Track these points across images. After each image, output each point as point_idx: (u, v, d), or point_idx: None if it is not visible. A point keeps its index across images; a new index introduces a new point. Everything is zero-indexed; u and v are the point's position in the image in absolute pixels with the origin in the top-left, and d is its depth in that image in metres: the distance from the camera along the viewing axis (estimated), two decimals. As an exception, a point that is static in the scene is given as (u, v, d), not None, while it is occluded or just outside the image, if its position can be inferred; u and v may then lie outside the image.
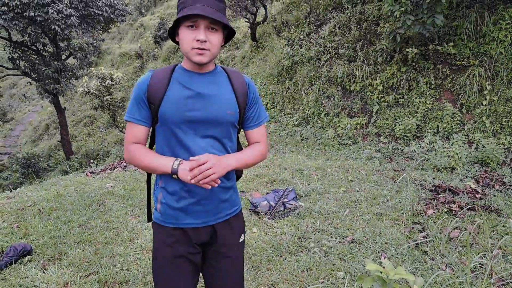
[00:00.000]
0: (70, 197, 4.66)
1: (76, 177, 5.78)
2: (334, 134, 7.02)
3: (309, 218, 3.72)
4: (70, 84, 12.90)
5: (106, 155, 13.83)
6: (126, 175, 5.74)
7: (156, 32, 19.34)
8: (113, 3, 12.59)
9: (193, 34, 1.34)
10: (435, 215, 3.56)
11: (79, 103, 20.22)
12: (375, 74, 7.10)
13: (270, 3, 11.14)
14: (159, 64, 17.10)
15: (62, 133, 13.69)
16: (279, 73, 9.25)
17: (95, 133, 16.88)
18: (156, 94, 1.40)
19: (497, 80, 5.73)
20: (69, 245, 3.37)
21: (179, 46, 1.42)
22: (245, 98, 1.51)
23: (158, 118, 1.42)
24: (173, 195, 1.44)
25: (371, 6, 7.79)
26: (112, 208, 4.26)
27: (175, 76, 1.44)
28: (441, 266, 2.73)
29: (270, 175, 5.15)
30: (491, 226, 3.28)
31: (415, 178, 4.70)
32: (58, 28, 10.44)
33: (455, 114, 5.89)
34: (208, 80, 1.45)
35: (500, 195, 4.05)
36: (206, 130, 1.42)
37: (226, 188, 1.51)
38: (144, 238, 3.44)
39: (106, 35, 24.29)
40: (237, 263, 1.59)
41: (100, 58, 23.15)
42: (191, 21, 1.34)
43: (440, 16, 5.60)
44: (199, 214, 1.47)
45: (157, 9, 27.44)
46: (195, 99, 1.41)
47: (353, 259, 2.90)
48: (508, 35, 5.74)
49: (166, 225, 1.47)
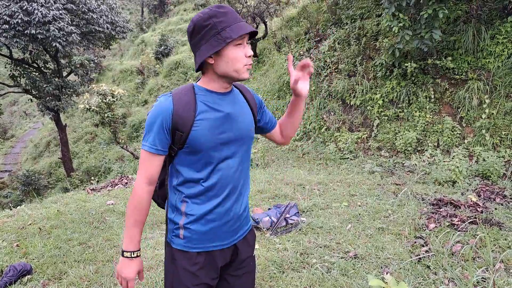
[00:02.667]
0: (71, 215, 4.65)
1: (77, 195, 5.78)
2: (335, 149, 7.04)
3: (311, 234, 3.70)
4: (71, 101, 13.01)
5: (107, 172, 13.82)
6: (127, 192, 5.73)
7: (157, 48, 19.62)
8: (114, 20, 12.81)
9: (243, 51, 1.34)
10: (437, 229, 3.54)
11: (80, 119, 20.34)
12: (375, 89, 7.16)
13: (270, 19, 11.33)
14: (160, 80, 17.26)
15: (63, 150, 13.73)
16: (280, 88, 9.34)
17: (96, 150, 16.92)
18: (184, 121, 1.32)
19: (495, 93, 5.78)
20: (70, 264, 3.34)
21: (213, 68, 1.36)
22: (256, 110, 1.56)
23: (186, 144, 1.34)
24: (200, 219, 1.41)
25: (370, 21, 7.92)
26: (113, 225, 4.24)
27: (200, 99, 1.37)
28: (443, 280, 2.70)
29: (272, 190, 5.14)
30: (492, 239, 3.26)
31: (416, 192, 4.69)
32: (59, 46, 10.59)
33: (455, 127, 5.91)
34: (232, 100, 1.44)
35: (501, 208, 4.03)
36: (235, 149, 1.42)
37: (245, 207, 1.54)
38: (145, 256, 3.42)
39: (107, 51, 24.65)
40: (251, 277, 1.63)
41: (101, 74, 23.41)
42: (240, 38, 1.32)
43: (438, 31, 5.69)
44: (226, 235, 1.46)
45: (158, 25, 27.89)
46: (225, 121, 1.38)
47: (356, 275, 2.87)
48: (505, 50, 5.81)
49: (191, 251, 1.42)
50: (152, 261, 3.30)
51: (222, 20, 1.30)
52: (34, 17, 10.07)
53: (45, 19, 10.22)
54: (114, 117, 10.86)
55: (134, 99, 18.65)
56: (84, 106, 10.38)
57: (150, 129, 1.35)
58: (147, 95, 17.95)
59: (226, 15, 1.31)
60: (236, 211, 1.47)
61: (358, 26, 8.01)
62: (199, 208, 1.40)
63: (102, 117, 10.71)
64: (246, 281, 1.60)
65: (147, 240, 3.79)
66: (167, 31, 23.15)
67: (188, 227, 1.41)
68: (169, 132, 1.34)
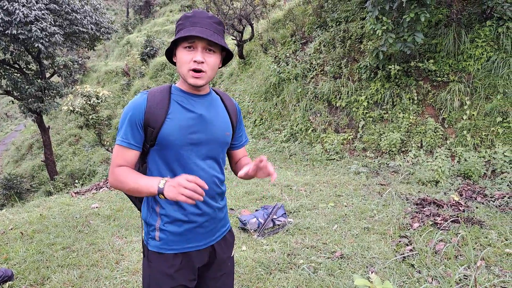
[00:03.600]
0: (54, 219, 4.56)
1: (60, 198, 5.67)
2: (322, 150, 7.10)
3: (298, 234, 3.73)
4: (54, 102, 12.75)
5: (92, 175, 13.60)
6: (112, 195, 5.65)
7: (143, 49, 19.42)
8: (98, 21, 12.63)
9: (191, 55, 1.35)
10: (420, 228, 3.61)
11: (64, 121, 19.96)
12: (360, 91, 7.26)
13: (257, 21, 11.36)
14: (146, 81, 17.09)
15: (46, 152, 13.44)
16: (267, 90, 9.37)
17: (81, 152, 16.62)
18: (156, 117, 1.35)
19: (475, 95, 5.93)
20: (53, 269, 3.28)
21: (176, 67, 1.42)
22: (236, 119, 1.59)
23: (157, 142, 1.37)
24: (175, 220, 1.42)
25: (355, 24, 8.03)
26: (98, 229, 4.18)
27: (174, 98, 1.41)
28: (427, 279, 2.76)
29: (259, 191, 5.15)
30: (474, 238, 3.35)
31: (401, 192, 4.77)
32: (42, 46, 10.38)
33: (437, 128, 6.04)
34: (208, 103, 1.47)
35: (482, 207, 4.14)
36: (206, 152, 1.44)
37: (221, 208, 1.56)
38: (131, 259, 3.38)
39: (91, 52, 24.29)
40: (230, 278, 1.64)
41: (86, 75, 23.05)
42: (189, 42, 1.34)
43: (420, 34, 5.81)
44: (202, 236, 1.48)
45: (143, 26, 27.64)
46: (197, 122, 1.41)
47: (342, 275, 2.91)
48: (484, 53, 5.98)
49: (167, 252, 1.43)
50: (138, 265, 3.27)
51: (183, 23, 1.37)
52: (15, 17, 9.85)
53: (26, 19, 10.00)
54: (98, 119, 10.72)
55: (120, 100, 18.41)
56: (67, 108, 10.21)
57: (123, 124, 1.39)
58: (133, 97, 17.73)
59: (188, 19, 1.36)
60: (211, 213, 1.49)
61: (343, 29, 8.11)
62: (173, 209, 1.42)
63: (87, 119, 10.56)
64: (225, 282, 1.62)
65: (133, 243, 3.75)
66: (153, 32, 22.94)
67: (163, 228, 1.42)
68: (141, 127, 1.37)
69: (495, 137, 5.56)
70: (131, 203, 5.07)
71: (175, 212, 1.42)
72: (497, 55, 5.85)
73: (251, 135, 8.96)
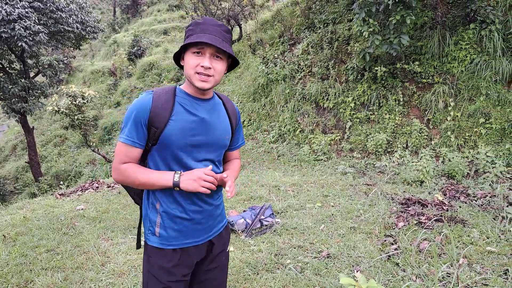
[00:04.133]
0: (38, 221, 4.48)
1: (45, 200, 5.57)
2: (310, 150, 7.14)
3: (285, 235, 3.74)
4: (38, 102, 12.51)
5: (77, 176, 13.38)
6: (98, 196, 5.58)
7: (130, 49, 19.23)
8: (84, 20, 12.44)
9: (199, 60, 1.41)
10: (405, 227, 3.66)
11: (49, 122, 19.61)
12: (347, 92, 7.34)
13: (245, 22, 11.37)
14: (133, 81, 16.93)
15: (30, 153, 13.17)
16: (255, 90, 9.38)
17: (66, 153, 16.34)
18: (160, 118, 1.41)
19: (459, 97, 6.06)
20: (36, 272, 3.22)
21: (183, 70, 1.48)
22: (236, 123, 1.67)
23: (159, 141, 1.43)
24: (175, 217, 1.49)
25: (342, 26, 8.11)
26: (83, 231, 4.12)
27: (178, 100, 1.47)
28: (411, 277, 2.80)
29: (247, 192, 5.15)
30: (457, 236, 3.41)
31: (386, 192, 4.83)
32: (26, 45, 10.17)
33: (422, 129, 6.15)
34: (210, 107, 1.53)
35: (465, 206, 4.22)
36: (205, 154, 1.51)
37: (218, 205, 1.63)
38: (117, 261, 3.34)
39: (77, 52, 23.95)
40: (223, 271, 1.70)
41: (71, 75, 22.69)
42: (198, 48, 1.40)
43: (405, 36, 5.90)
44: (200, 232, 1.55)
45: (131, 26, 27.35)
46: (199, 125, 1.47)
47: (328, 274, 2.93)
48: (467, 55, 6.11)
49: (167, 248, 1.49)
50: (124, 267, 3.24)
51: (193, 28, 1.44)
52: (-2, 15, 9.64)
53: (9, 17, 9.79)
54: (84, 120, 10.56)
55: (106, 100, 18.18)
56: (52, 108, 10.04)
57: (127, 122, 1.43)
58: (120, 97, 17.53)
59: (198, 26, 1.43)
60: (209, 210, 1.57)
61: (331, 30, 8.19)
62: (172, 207, 1.49)
63: (72, 119, 10.39)
64: (217, 276, 1.67)
65: (119, 245, 3.71)
66: (140, 31, 22.73)
67: (163, 225, 1.49)
68: (145, 126, 1.42)
69: (478, 138, 5.69)
70: (117, 204, 5.02)
71: (175, 209, 1.48)
72: (480, 57, 5.99)
73: (239, 135, 8.96)
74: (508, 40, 5.91)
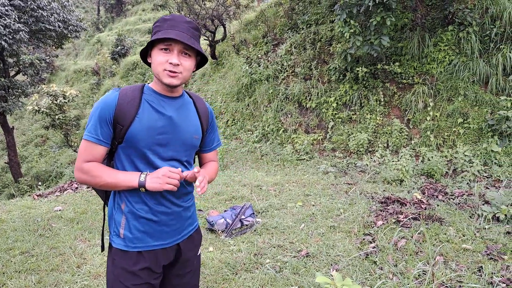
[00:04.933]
0: (13, 223, 4.36)
1: (22, 201, 5.43)
2: (292, 150, 7.17)
3: (265, 234, 3.74)
4: (19, 102, 12.23)
5: (59, 177, 13.11)
6: (76, 197, 5.47)
7: (113, 48, 18.97)
8: (66, 18, 12.22)
9: (166, 57, 1.38)
10: (384, 226, 3.71)
11: (30, 122, 19.16)
12: (329, 92, 7.39)
13: (229, 22, 11.34)
14: (117, 81, 16.70)
15: (10, 154, 12.85)
16: (239, 90, 9.37)
17: (47, 154, 16.00)
18: (125, 116, 1.37)
19: (438, 97, 6.18)
20: (9, 274, 3.13)
21: (151, 67, 1.45)
22: (207, 123, 1.62)
23: (125, 139, 1.39)
24: (140, 218, 1.43)
25: (324, 27, 8.17)
26: (60, 232, 4.03)
27: (145, 98, 1.44)
28: (388, 275, 2.83)
29: (229, 192, 5.13)
30: (434, 234, 3.47)
31: (367, 191, 4.88)
32: (5, 44, 9.94)
33: (402, 129, 6.24)
34: (178, 105, 1.50)
35: (443, 204, 4.30)
36: (172, 153, 1.47)
37: (188, 207, 1.57)
38: (93, 263, 3.28)
39: (60, 51, 23.47)
40: (195, 275, 1.67)
41: (54, 74, 22.24)
42: (165, 44, 1.38)
43: (386, 38, 5.98)
44: (167, 234, 1.49)
45: (115, 25, 26.98)
46: (165, 123, 1.43)
47: (307, 273, 2.94)
48: (446, 56, 6.23)
49: (132, 250, 1.43)
50: (100, 268, 3.18)
51: (160, 25, 1.41)
52: (-24, 13, 9.39)
53: (-12, 15, 9.56)
54: (65, 119, 10.38)
55: (89, 100, 17.89)
56: (32, 108, 9.83)
57: (91, 119, 1.39)
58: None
59: (166, 22, 1.40)
60: (177, 212, 1.51)
61: (313, 31, 8.24)
62: (137, 207, 1.43)
63: (53, 119, 10.21)
64: (190, 280, 1.64)
65: (96, 246, 3.64)
66: (124, 31, 22.43)
67: (128, 226, 1.43)
68: (110, 124, 1.38)
69: (456, 137, 5.81)
70: (97, 205, 4.94)
71: (140, 209, 1.43)
72: (458, 58, 6.12)
73: (223, 135, 8.94)
74: (484, 42, 6.05)
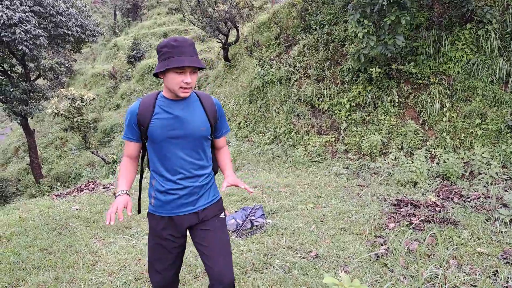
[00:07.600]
0: (33, 221, 4.51)
1: (41, 201, 5.61)
2: (304, 152, 7.15)
3: (275, 235, 3.75)
4: (39, 105, 12.60)
5: (77, 178, 13.43)
6: (93, 197, 5.61)
7: (129, 52, 19.31)
8: (84, 23, 12.53)
9: (181, 77, 1.77)
10: (396, 228, 3.66)
11: (50, 124, 19.69)
12: (342, 93, 7.34)
13: (242, 24, 11.40)
14: (133, 84, 17.00)
15: (31, 155, 13.26)
16: (251, 92, 9.40)
17: (67, 155, 16.41)
18: (144, 119, 1.85)
19: (455, 97, 6.05)
20: (28, 270, 3.25)
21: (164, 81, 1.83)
22: (214, 115, 1.99)
23: (147, 136, 1.87)
24: (163, 192, 1.90)
25: (337, 27, 8.12)
26: (76, 231, 4.15)
27: (158, 104, 1.88)
28: (399, 277, 2.80)
29: (240, 193, 5.17)
30: (448, 237, 3.41)
31: (379, 193, 4.83)
32: (26, 49, 10.27)
33: (417, 130, 6.14)
34: (184, 106, 1.89)
35: (458, 207, 4.22)
36: (184, 144, 1.87)
37: (202, 185, 1.96)
38: (108, 261, 3.37)
39: (79, 55, 24.05)
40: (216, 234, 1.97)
41: (72, 78, 22.79)
42: (180, 69, 1.75)
43: (400, 37, 5.89)
44: (182, 205, 1.92)
45: (131, 29, 27.46)
46: (175, 121, 1.85)
47: (316, 274, 2.94)
48: (464, 55, 6.09)
49: (157, 214, 1.95)
50: (114, 266, 3.26)
51: (170, 51, 1.75)
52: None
53: (10, 21, 9.88)
54: (83, 122, 10.64)
55: (106, 103, 18.25)
56: (52, 111, 10.11)
57: (125, 124, 1.94)
58: (119, 100, 17.61)
59: (174, 48, 1.75)
60: (191, 189, 1.92)
61: (326, 32, 8.20)
62: (161, 183, 1.92)
63: (71, 121, 10.47)
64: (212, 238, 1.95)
65: (111, 245, 3.73)
66: (140, 35, 22.82)
67: (155, 197, 1.94)
68: (136, 126, 1.89)
69: (473, 139, 5.68)
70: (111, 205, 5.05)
71: (162, 186, 1.90)
72: (476, 57, 5.97)
73: (235, 137, 8.98)
74: (505, 40, 5.89)
